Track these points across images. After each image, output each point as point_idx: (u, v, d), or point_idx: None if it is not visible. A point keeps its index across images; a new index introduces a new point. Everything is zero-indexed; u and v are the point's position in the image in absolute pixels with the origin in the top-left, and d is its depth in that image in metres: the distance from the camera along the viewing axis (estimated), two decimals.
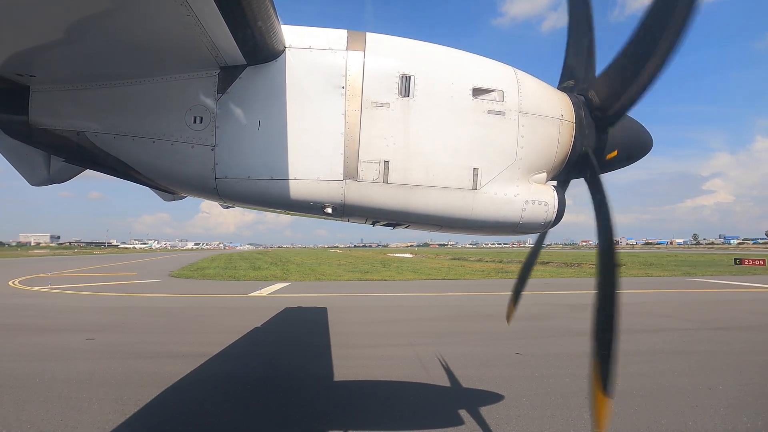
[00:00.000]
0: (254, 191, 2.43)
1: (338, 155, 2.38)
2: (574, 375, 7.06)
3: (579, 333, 9.88)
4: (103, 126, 2.37)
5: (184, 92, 2.35)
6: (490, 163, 2.52)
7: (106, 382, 6.70)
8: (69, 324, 12.10)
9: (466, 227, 2.66)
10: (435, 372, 7.32)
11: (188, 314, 13.84)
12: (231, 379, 7.03)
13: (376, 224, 2.80)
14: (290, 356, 8.47)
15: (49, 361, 7.95)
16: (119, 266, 43.56)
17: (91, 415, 5.41)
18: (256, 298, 17.80)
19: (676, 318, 12.70)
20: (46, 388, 6.42)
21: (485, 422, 5.23)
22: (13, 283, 23.26)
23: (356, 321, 12.41)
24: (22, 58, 2.13)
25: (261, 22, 2.03)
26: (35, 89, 2.35)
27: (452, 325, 11.97)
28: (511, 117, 2.53)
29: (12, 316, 13.49)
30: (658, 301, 16.65)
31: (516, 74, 2.61)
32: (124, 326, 11.67)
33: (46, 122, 2.36)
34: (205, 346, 8.93)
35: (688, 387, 6.58)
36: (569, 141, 2.69)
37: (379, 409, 5.82)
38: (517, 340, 9.52)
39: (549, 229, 2.84)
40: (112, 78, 2.34)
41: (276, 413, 5.61)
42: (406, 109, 2.42)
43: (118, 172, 2.51)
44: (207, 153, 2.36)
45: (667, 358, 8.33)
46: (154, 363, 7.92)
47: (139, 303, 16.66)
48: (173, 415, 5.60)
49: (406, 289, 20.93)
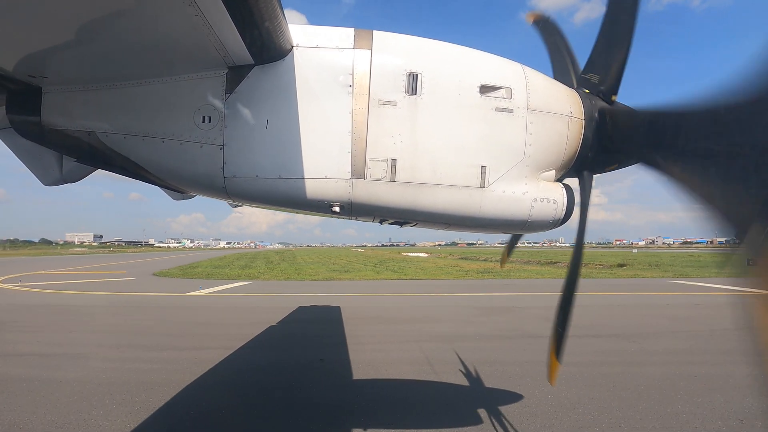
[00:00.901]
0: (262, 190, 2.45)
1: (346, 154, 2.39)
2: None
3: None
4: (114, 126, 2.40)
5: (193, 92, 2.37)
6: (498, 161, 2.51)
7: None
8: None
9: (474, 225, 2.65)
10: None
11: (84, 312, 13.91)
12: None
13: (384, 223, 2.80)
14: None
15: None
16: (122, 265, 44.12)
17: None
18: (188, 297, 17.80)
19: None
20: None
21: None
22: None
23: (248, 322, 11.99)
24: (34, 60, 2.16)
25: (268, 21, 2.04)
26: (47, 90, 2.38)
27: (356, 327, 11.38)
28: (520, 114, 2.51)
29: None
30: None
31: (524, 71, 2.59)
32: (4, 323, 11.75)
33: (58, 123, 2.39)
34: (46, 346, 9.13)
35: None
36: (578, 138, 2.66)
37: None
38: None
39: (558, 227, 2.82)
40: (122, 79, 2.36)
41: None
42: (413, 107, 2.41)
43: (128, 171, 2.54)
44: (215, 152, 2.38)
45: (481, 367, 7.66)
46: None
47: (65, 301, 16.72)
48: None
49: (367, 290, 20.57)
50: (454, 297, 18.13)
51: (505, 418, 5.37)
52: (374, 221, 2.81)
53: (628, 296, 18.34)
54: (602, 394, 6.25)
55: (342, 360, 8.09)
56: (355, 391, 6.58)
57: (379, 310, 14.56)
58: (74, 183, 2.96)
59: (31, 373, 7.23)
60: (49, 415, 5.44)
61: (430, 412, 5.72)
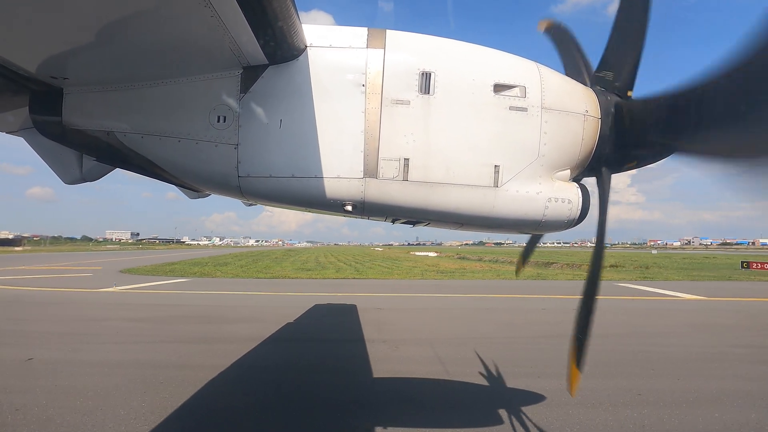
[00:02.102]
0: (276, 189, 2.47)
1: (358, 153, 2.39)
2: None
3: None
4: (132, 126, 2.45)
5: (208, 92, 2.40)
6: (512, 161, 2.49)
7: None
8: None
9: (486, 225, 2.63)
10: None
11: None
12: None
13: (396, 222, 2.80)
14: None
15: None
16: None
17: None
18: (90, 294, 17.62)
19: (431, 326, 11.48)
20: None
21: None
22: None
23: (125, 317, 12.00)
24: (56, 62, 2.21)
25: (282, 22, 2.06)
26: (68, 91, 2.44)
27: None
28: (534, 113, 2.48)
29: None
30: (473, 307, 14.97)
31: (539, 69, 2.56)
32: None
33: (78, 123, 2.45)
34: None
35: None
36: (594, 137, 2.62)
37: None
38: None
39: (572, 228, 2.78)
40: (140, 79, 2.41)
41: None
42: (426, 106, 2.40)
43: (145, 170, 2.59)
44: (230, 152, 2.41)
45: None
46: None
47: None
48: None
49: (292, 288, 19.84)
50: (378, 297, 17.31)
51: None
52: (386, 220, 2.81)
53: (518, 299, 17.01)
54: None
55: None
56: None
57: (252, 309, 13.98)
58: (93, 182, 3.03)
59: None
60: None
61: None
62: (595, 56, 2.94)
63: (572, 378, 2.57)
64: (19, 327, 10.94)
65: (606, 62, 2.79)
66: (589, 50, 3.26)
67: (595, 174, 2.78)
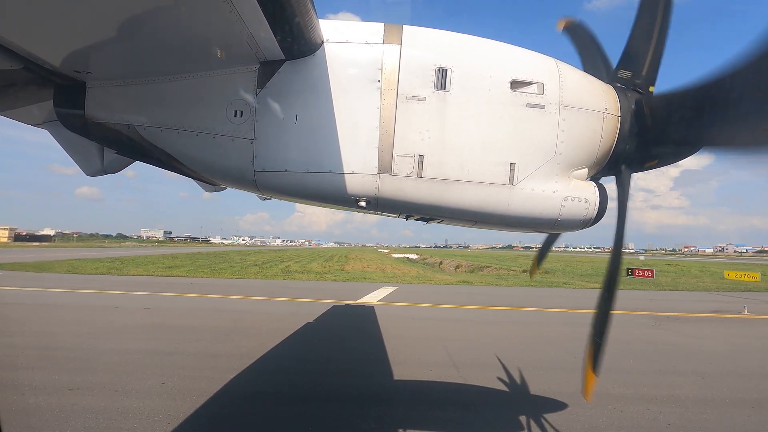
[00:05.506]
0: (290, 184, 2.49)
1: (373, 149, 2.39)
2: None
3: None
4: (151, 120, 2.49)
5: (226, 87, 2.43)
6: (528, 158, 2.45)
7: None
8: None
9: (501, 223, 2.61)
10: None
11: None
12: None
13: (410, 218, 2.80)
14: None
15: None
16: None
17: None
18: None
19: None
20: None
21: None
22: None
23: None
24: (79, 57, 2.26)
25: (299, 17, 2.06)
26: (91, 85, 2.49)
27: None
28: (552, 110, 2.44)
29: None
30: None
31: (558, 66, 2.52)
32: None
33: (100, 116, 2.51)
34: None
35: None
36: (613, 135, 2.57)
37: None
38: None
39: (589, 227, 2.73)
40: (159, 74, 2.45)
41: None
42: (442, 102, 2.39)
43: (164, 163, 2.64)
44: (246, 146, 2.44)
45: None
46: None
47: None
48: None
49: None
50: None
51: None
52: (400, 217, 2.81)
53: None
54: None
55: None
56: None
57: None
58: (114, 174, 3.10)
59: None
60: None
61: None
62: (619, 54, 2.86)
63: (587, 382, 2.53)
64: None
65: (627, 57, 2.73)
66: (621, 47, 3.12)
67: (615, 173, 2.72)
